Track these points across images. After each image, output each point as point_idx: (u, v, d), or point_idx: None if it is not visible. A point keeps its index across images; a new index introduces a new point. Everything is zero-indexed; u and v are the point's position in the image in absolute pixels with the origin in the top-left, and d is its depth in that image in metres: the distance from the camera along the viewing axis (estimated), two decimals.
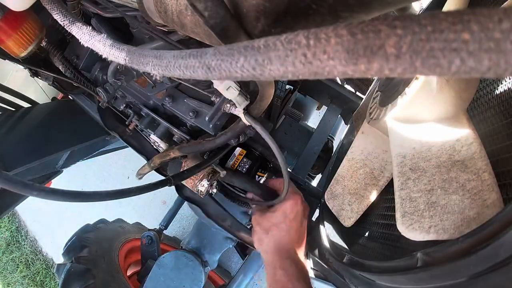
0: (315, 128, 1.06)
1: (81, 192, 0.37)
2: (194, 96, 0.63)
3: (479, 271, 0.28)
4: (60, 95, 1.11)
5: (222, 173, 0.61)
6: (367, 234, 0.60)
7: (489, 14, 0.11)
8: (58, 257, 1.65)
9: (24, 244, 2.33)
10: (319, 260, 0.73)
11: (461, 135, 0.40)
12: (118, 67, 0.62)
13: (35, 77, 0.84)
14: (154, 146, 0.71)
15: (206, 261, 1.14)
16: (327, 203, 0.72)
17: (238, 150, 0.71)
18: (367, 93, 0.77)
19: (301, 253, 0.58)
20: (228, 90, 0.45)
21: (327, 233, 0.74)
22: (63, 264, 1.05)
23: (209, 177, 0.60)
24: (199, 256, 1.12)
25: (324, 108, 1.25)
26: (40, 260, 2.28)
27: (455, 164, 0.39)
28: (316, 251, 0.77)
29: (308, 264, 0.86)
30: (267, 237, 0.58)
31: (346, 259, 0.57)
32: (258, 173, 0.72)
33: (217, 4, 0.28)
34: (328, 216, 0.75)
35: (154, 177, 0.62)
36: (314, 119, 1.35)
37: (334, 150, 1.14)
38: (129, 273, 1.37)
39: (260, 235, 0.60)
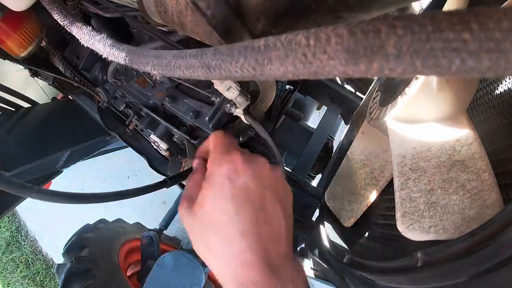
0: (315, 128, 1.05)
1: (80, 194, 0.37)
2: (194, 96, 0.63)
3: (479, 271, 0.28)
4: (60, 95, 1.11)
5: None
6: (367, 234, 0.60)
7: (489, 14, 0.11)
8: (58, 257, 1.64)
9: (24, 244, 2.32)
10: (319, 260, 0.73)
11: (461, 135, 0.40)
12: (118, 67, 0.62)
13: (35, 77, 0.84)
14: (154, 146, 0.71)
15: None
16: (327, 203, 0.72)
17: None
18: (367, 93, 0.77)
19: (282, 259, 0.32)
20: (229, 90, 0.45)
21: (327, 233, 0.74)
22: (63, 264, 1.05)
23: None
24: (199, 256, 1.11)
25: (324, 108, 1.24)
26: (40, 260, 2.28)
27: (455, 164, 0.39)
28: (316, 251, 0.77)
29: (308, 264, 0.86)
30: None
31: (346, 259, 0.57)
32: None
33: (220, 2, 0.27)
34: (328, 216, 0.74)
35: (153, 178, 0.62)
36: (314, 119, 1.35)
37: (334, 150, 1.14)
38: (129, 273, 1.37)
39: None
